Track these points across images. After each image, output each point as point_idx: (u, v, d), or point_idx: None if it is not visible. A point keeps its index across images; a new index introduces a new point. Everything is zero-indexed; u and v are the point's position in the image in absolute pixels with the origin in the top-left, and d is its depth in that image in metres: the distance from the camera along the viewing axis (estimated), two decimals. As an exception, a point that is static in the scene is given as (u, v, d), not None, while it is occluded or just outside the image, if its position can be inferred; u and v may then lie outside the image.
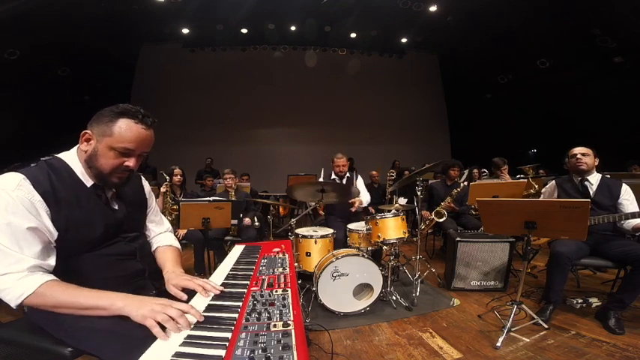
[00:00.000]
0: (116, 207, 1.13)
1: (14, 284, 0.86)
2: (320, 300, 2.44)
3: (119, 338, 0.87)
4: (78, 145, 1.06)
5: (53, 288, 0.89)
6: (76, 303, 0.89)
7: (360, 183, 3.55)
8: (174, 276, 1.13)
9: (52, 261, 0.94)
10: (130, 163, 1.04)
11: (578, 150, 2.39)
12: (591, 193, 2.35)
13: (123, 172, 1.05)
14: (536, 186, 3.68)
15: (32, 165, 0.99)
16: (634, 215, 2.16)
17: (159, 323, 0.81)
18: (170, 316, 0.81)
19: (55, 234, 0.95)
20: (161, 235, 1.38)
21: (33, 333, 1.01)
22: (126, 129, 1.00)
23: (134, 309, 0.86)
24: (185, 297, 1.01)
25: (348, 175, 3.44)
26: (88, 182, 1.05)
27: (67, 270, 0.97)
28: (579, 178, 2.42)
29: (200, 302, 0.98)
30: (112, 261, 1.07)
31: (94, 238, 1.03)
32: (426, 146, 10.23)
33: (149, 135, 1.06)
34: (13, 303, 0.87)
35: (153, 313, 0.83)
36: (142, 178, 1.33)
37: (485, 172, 4.70)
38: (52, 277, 0.92)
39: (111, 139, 1.00)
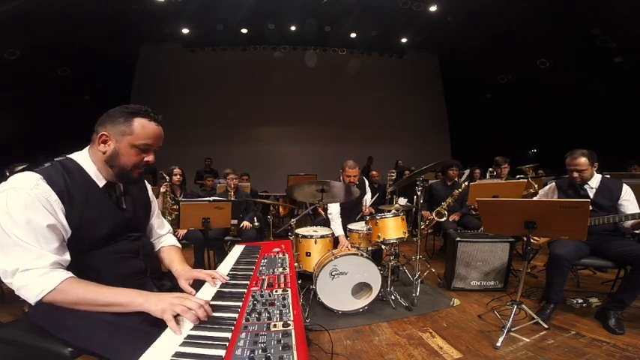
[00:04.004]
0: (124, 207, 1.17)
1: (35, 281, 0.87)
2: (319, 298, 2.45)
3: (123, 336, 0.88)
4: (89, 146, 1.11)
5: (74, 285, 0.91)
6: (97, 300, 0.90)
7: (367, 189, 3.50)
8: (183, 272, 1.22)
9: (67, 256, 0.97)
10: (150, 158, 1.12)
11: (574, 167, 2.33)
12: (591, 195, 2.35)
13: (142, 167, 1.12)
14: (536, 186, 3.68)
15: (46, 165, 1.01)
16: (634, 217, 2.16)
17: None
18: (188, 308, 0.84)
19: (69, 232, 0.98)
20: (164, 237, 1.42)
21: (33, 333, 1.01)
22: (143, 127, 1.08)
23: (153, 304, 0.88)
24: (194, 292, 1.09)
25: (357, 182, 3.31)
26: (100, 182, 1.09)
27: (72, 267, 0.98)
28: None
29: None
30: (115, 258, 1.09)
31: (102, 236, 1.06)
32: (426, 146, 10.23)
33: (161, 131, 1.14)
34: (33, 300, 0.88)
35: (172, 306, 0.85)
36: (146, 181, 1.36)
37: (493, 172, 4.65)
38: (70, 274, 0.93)
39: (132, 137, 1.06)
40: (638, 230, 2.31)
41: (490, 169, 4.87)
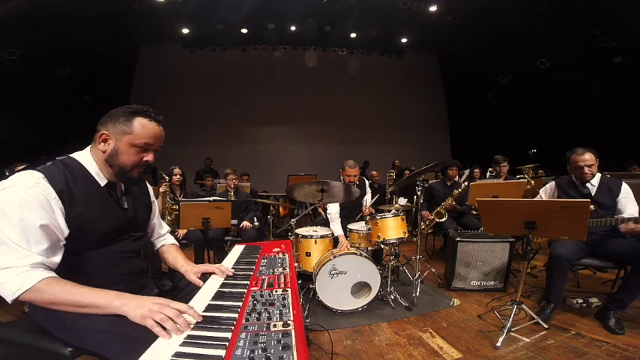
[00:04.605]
0: (126, 206, 1.18)
1: (13, 279, 0.86)
2: (318, 297, 2.45)
3: (123, 336, 0.87)
4: (91, 146, 1.11)
5: (52, 284, 0.90)
6: (73, 301, 0.89)
7: (368, 190, 3.52)
8: (190, 267, 1.27)
9: (57, 258, 0.96)
10: (149, 157, 1.12)
11: (583, 162, 2.29)
12: (592, 193, 2.34)
13: (142, 167, 1.12)
14: (533, 182, 3.75)
15: (48, 164, 1.02)
16: (630, 219, 2.16)
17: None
18: (168, 316, 0.82)
19: (67, 232, 0.98)
20: (163, 237, 1.44)
21: (33, 333, 1.02)
22: (144, 126, 1.08)
23: (132, 309, 0.86)
24: (202, 283, 1.17)
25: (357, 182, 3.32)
26: (102, 181, 1.10)
27: (73, 266, 0.99)
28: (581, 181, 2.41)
29: (200, 301, 0.99)
30: (117, 258, 1.09)
31: (104, 235, 1.06)
32: (426, 146, 10.23)
33: (162, 131, 1.15)
34: (9, 298, 0.87)
35: (151, 313, 0.83)
36: (147, 183, 1.37)
37: (493, 171, 4.62)
38: (52, 273, 0.92)
39: (131, 136, 1.07)
40: (632, 237, 2.28)
41: (490, 169, 4.87)
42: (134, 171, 1.11)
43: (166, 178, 3.46)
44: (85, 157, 1.09)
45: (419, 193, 2.80)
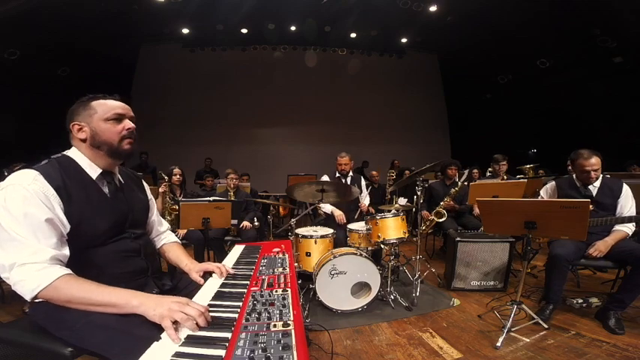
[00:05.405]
0: (121, 199, 1.17)
1: (32, 276, 0.87)
2: (318, 297, 2.45)
3: (124, 336, 0.87)
4: (72, 143, 1.12)
5: (69, 282, 0.90)
6: (90, 299, 0.89)
7: (363, 185, 3.59)
8: (193, 266, 1.29)
9: (67, 251, 0.96)
10: (129, 125, 1.13)
11: (590, 167, 2.26)
12: (594, 193, 2.34)
13: (128, 137, 1.13)
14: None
15: (44, 162, 1.03)
16: (630, 219, 2.16)
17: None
18: (189, 315, 0.81)
19: (68, 227, 0.98)
20: (164, 234, 1.44)
21: (33, 333, 1.01)
22: (104, 103, 1.11)
23: (150, 308, 0.86)
24: (203, 282, 1.18)
25: (352, 174, 3.46)
26: (96, 172, 1.10)
27: (73, 264, 0.98)
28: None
29: (200, 301, 0.98)
30: (117, 257, 1.09)
31: (102, 232, 1.06)
32: (426, 146, 10.22)
33: (123, 103, 1.15)
34: (28, 295, 0.88)
35: (170, 312, 0.82)
36: (143, 181, 1.38)
37: (491, 170, 4.60)
38: (68, 270, 0.93)
39: (99, 114, 1.09)
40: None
41: (490, 169, 4.86)
42: (123, 143, 1.12)
43: (166, 178, 3.46)
44: (74, 153, 1.11)
45: (419, 193, 2.80)
